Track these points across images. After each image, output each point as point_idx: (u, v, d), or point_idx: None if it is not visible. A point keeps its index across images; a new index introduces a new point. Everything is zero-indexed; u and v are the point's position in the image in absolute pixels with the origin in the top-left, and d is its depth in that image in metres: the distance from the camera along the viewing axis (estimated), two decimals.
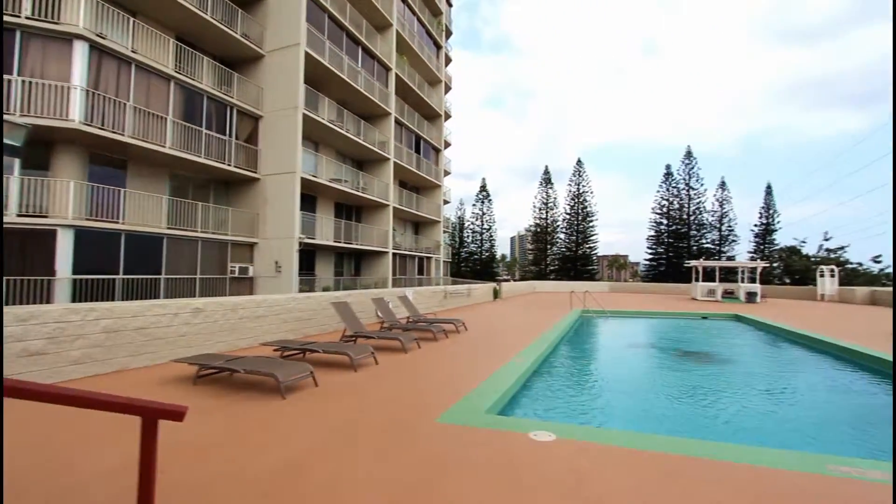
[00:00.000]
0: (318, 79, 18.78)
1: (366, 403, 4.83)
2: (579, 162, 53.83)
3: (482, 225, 59.29)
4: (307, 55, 17.16)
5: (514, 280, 59.74)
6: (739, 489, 2.98)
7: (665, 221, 50.44)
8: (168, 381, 5.56)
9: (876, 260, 36.06)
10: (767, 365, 9.26)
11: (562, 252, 54.26)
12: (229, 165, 15.85)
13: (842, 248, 37.86)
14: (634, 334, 12.84)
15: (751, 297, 23.09)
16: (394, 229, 25.98)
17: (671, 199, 50.23)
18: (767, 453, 3.63)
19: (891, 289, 26.41)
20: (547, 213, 55.15)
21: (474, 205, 60.04)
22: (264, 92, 17.40)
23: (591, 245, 53.19)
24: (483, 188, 60.31)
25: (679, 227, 49.58)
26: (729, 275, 29.54)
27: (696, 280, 25.52)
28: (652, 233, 51.62)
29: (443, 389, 5.49)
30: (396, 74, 25.42)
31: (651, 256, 52.26)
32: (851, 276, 34.03)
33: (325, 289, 18.22)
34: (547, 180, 55.53)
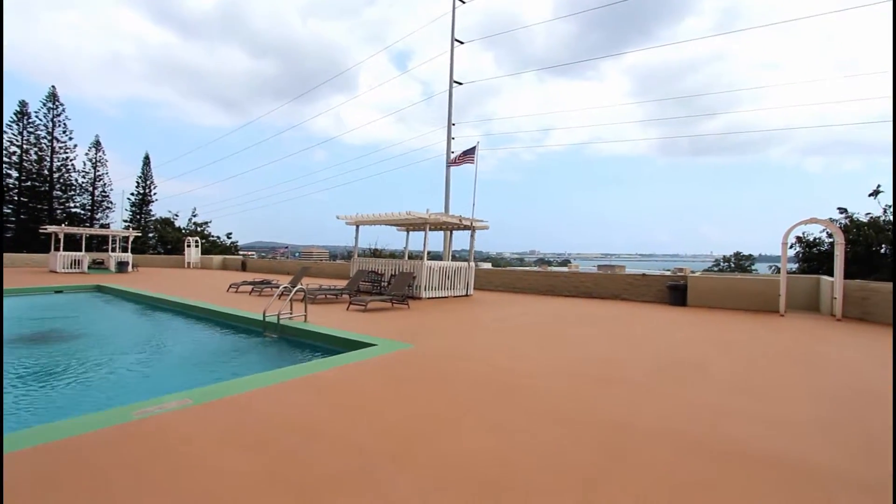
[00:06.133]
0: None
1: None
2: None
3: None
4: None
5: None
6: (16, 474, 2.55)
7: (17, 174, 39.37)
8: None
9: (228, 235, 45.43)
10: (115, 330, 9.18)
11: None
12: None
13: (206, 223, 44.77)
14: None
15: (122, 266, 22.45)
16: None
17: (27, 147, 39.77)
18: (68, 424, 3.36)
19: (236, 256, 34.19)
20: None
21: None
22: None
23: None
24: None
25: (38, 184, 40.26)
26: (102, 244, 27.22)
27: (57, 250, 21.70)
28: None
29: None
30: None
31: None
32: (212, 246, 41.00)
33: None
34: None
